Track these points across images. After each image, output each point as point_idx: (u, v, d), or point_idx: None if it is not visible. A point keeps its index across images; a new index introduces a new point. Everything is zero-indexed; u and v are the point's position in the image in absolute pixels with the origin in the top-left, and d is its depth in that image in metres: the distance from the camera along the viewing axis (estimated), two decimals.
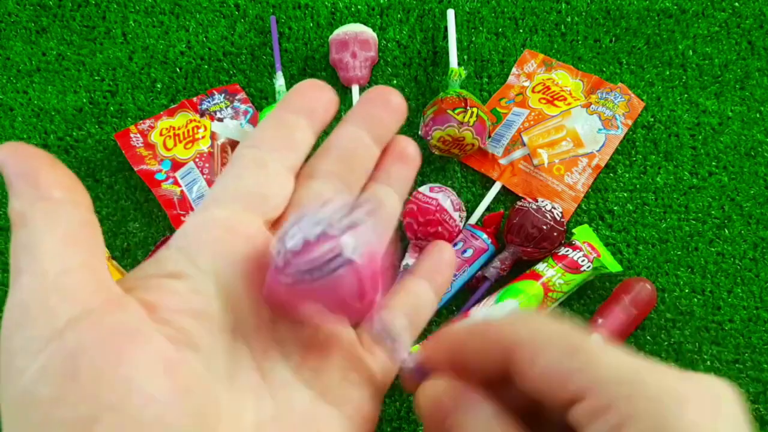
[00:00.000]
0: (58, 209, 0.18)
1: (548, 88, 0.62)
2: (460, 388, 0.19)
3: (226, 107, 0.61)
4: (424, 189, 0.55)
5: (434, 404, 0.19)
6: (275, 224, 0.22)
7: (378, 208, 0.19)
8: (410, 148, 0.25)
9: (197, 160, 0.58)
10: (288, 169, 0.22)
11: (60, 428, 0.15)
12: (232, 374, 0.19)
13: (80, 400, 0.15)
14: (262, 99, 0.62)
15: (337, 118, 0.24)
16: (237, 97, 0.62)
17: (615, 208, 0.58)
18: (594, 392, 0.16)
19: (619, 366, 0.16)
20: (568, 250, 0.53)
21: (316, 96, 0.23)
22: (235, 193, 0.21)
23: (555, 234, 0.53)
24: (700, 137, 0.61)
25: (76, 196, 0.18)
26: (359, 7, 0.65)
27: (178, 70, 0.63)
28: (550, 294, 0.52)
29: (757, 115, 0.61)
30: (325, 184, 0.23)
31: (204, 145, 0.59)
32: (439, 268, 0.25)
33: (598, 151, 0.59)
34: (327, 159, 0.23)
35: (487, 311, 0.52)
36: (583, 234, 0.55)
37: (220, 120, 0.60)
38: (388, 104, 0.23)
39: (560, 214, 0.54)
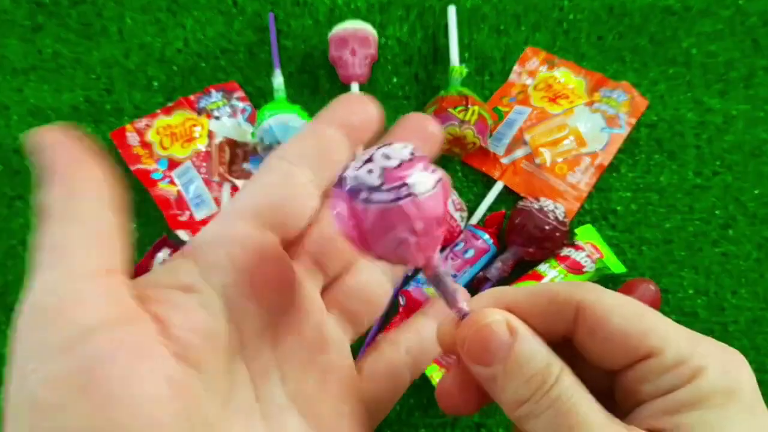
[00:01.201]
0: (88, 210, 0.17)
1: (550, 86, 0.61)
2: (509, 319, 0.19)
3: (224, 105, 0.60)
4: None
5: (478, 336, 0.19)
6: (294, 243, 0.22)
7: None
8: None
9: (194, 159, 0.57)
10: (316, 186, 0.21)
11: None
12: (229, 395, 0.19)
13: (86, 413, 0.15)
14: (260, 97, 0.62)
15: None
16: (235, 95, 0.61)
17: (618, 207, 0.58)
18: (667, 349, 0.17)
19: (682, 330, 0.18)
20: (570, 251, 0.53)
21: (357, 111, 0.22)
22: (257, 207, 0.21)
23: (557, 234, 0.52)
24: (704, 136, 0.60)
25: (109, 198, 0.18)
26: (359, 4, 0.64)
27: (174, 68, 0.62)
28: None
29: (762, 114, 0.60)
30: None
31: (201, 144, 0.58)
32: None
33: (601, 150, 0.58)
34: None
35: None
36: (586, 234, 0.54)
37: (218, 118, 0.59)
38: (426, 133, 0.23)
39: (563, 214, 0.53)
